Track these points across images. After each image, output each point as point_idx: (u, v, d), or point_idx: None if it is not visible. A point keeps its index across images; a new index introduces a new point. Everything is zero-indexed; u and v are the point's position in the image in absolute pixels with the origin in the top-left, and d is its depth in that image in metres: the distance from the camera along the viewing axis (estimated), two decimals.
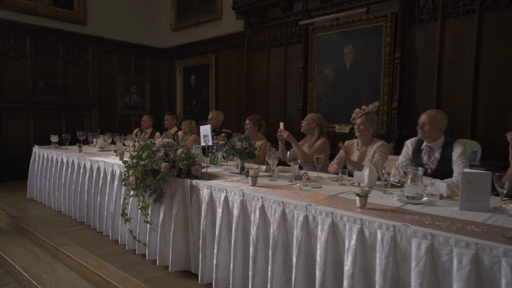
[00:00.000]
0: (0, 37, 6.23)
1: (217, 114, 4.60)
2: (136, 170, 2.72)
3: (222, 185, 2.35)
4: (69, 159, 4.04)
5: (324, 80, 5.44)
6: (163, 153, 2.71)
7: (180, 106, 8.24)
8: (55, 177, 4.27)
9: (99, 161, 3.55)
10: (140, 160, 2.80)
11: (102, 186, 3.44)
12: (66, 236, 3.45)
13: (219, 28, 7.29)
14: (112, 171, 3.33)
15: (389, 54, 4.63)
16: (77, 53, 7.22)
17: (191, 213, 2.55)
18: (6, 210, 4.34)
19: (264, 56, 6.30)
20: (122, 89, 7.99)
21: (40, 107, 6.77)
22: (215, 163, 3.38)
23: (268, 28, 6.18)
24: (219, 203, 2.33)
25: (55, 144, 4.76)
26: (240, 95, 6.96)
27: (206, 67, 7.52)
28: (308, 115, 3.63)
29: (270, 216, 2.04)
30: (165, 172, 2.60)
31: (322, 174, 2.82)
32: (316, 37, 5.47)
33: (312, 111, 5.59)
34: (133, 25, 8.01)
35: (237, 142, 2.76)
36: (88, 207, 3.66)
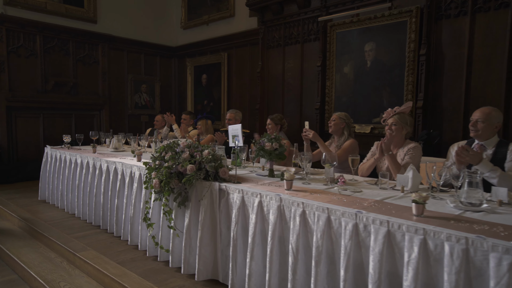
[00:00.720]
0: (10, 35, 6.11)
1: (236, 113, 4.44)
2: (159, 173, 2.57)
3: (255, 189, 2.19)
4: (83, 160, 3.89)
5: (343, 79, 5.27)
6: (188, 154, 2.55)
7: (191, 105, 8.09)
8: (68, 179, 4.13)
9: (116, 162, 3.39)
10: (163, 161, 2.64)
11: (119, 188, 3.29)
12: (82, 240, 3.30)
13: (232, 25, 7.13)
14: (130, 173, 3.17)
15: (414, 51, 4.45)
16: (87, 51, 7.09)
17: (219, 218, 2.39)
18: (18, 212, 4.20)
19: (279, 54, 6.14)
20: (132, 88, 7.85)
21: (49, 106, 6.65)
22: (238, 164, 3.21)
23: (283, 25, 6.01)
24: (252, 209, 2.17)
25: (67, 144, 4.62)
26: (253, 94, 6.80)
27: (218, 66, 7.36)
28: (335, 115, 3.46)
29: (312, 224, 1.87)
30: (191, 174, 2.44)
31: (357, 177, 2.65)
32: (334, 34, 5.29)
33: (330, 110, 5.42)
34: (143, 23, 7.87)
35: (266, 143, 2.60)
36: (104, 210, 3.51)
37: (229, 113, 4.45)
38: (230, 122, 4.39)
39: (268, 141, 2.60)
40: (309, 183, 2.43)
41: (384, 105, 4.81)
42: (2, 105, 6.06)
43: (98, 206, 3.60)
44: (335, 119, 3.40)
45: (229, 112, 4.46)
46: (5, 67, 6.04)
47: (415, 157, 2.62)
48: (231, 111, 4.47)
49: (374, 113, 4.92)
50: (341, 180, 2.39)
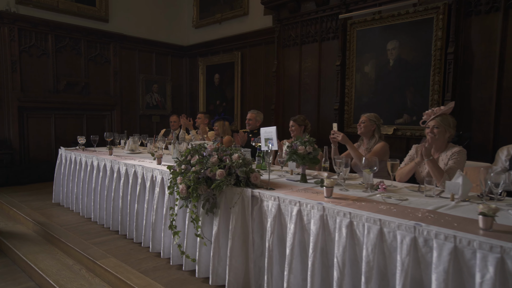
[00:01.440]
0: (22, 34, 6.01)
1: (257, 114, 4.29)
2: (186, 177, 2.43)
3: (293, 197, 2.04)
4: (100, 163, 3.76)
5: (363, 78, 5.10)
6: (216, 158, 2.41)
7: (203, 105, 7.95)
8: (84, 182, 4.00)
9: (136, 165, 3.26)
10: (189, 165, 2.50)
11: (140, 193, 3.16)
12: (100, 247, 3.17)
13: (246, 24, 6.98)
14: (152, 176, 3.04)
15: (441, 49, 4.27)
16: (99, 50, 6.98)
17: (252, 227, 2.24)
18: (33, 216, 4.09)
19: (295, 53, 5.98)
20: (143, 88, 7.74)
21: (61, 106, 6.55)
22: (263, 168, 3.06)
23: (300, 23, 5.85)
24: (290, 218, 2.02)
25: (82, 146, 4.50)
26: (268, 94, 6.65)
27: (231, 65, 7.22)
28: (364, 116, 3.30)
29: (361, 236, 1.72)
30: (222, 180, 2.29)
31: (396, 183, 2.49)
32: (355, 32, 5.13)
33: (350, 111, 5.26)
34: (155, 21, 7.75)
35: (299, 146, 2.44)
36: (123, 215, 3.38)
37: (250, 113, 4.30)
38: (250, 123, 4.25)
39: (301, 144, 2.45)
40: (347, 189, 2.28)
41: (408, 105, 4.65)
42: (14, 105, 5.96)
43: (117, 211, 3.47)
44: (365, 121, 3.24)
45: (250, 112, 4.31)
46: (17, 67, 5.95)
47: (460, 162, 2.45)
48: (252, 112, 4.32)
49: (397, 114, 4.75)
50: (381, 187, 2.23)
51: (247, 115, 4.32)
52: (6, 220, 4.26)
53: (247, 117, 4.29)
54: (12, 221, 4.23)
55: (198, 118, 5.18)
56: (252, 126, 4.27)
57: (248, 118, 4.27)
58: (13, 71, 5.92)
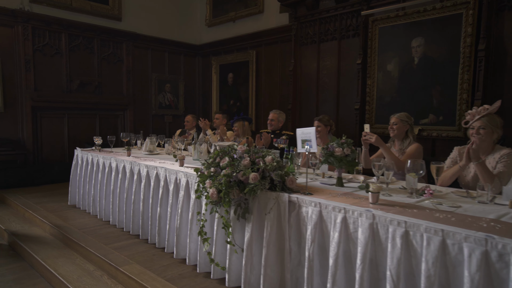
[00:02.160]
0: (36, 33, 5.93)
1: (279, 114, 4.15)
2: (216, 181, 2.29)
3: (337, 203, 1.89)
4: (119, 164, 3.65)
5: (386, 77, 4.93)
6: (248, 160, 2.27)
7: (216, 105, 7.83)
8: (101, 183, 3.89)
9: (157, 167, 3.14)
10: (218, 168, 2.37)
11: (162, 196, 3.03)
12: (121, 252, 3.05)
13: (261, 22, 6.84)
14: (176, 179, 2.91)
15: (470, 46, 4.09)
16: (112, 49, 6.89)
17: (288, 234, 2.10)
18: (49, 218, 3.99)
19: (313, 52, 5.83)
20: (156, 88, 7.63)
21: (74, 106, 6.47)
22: (291, 170, 2.92)
23: (318, 21, 5.70)
24: (333, 225, 1.88)
25: (98, 147, 4.39)
26: (284, 94, 6.51)
27: (246, 64, 7.09)
28: (395, 117, 3.14)
29: (419, 248, 1.57)
30: (255, 184, 2.16)
31: (440, 188, 2.34)
32: (377, 29, 4.96)
33: (372, 111, 5.09)
34: (167, 20, 7.65)
35: (336, 148, 2.30)
36: (144, 219, 3.26)
37: (272, 113, 4.16)
38: (272, 123, 4.11)
39: (338, 146, 2.30)
40: (390, 194, 2.13)
41: (434, 105, 4.47)
42: (28, 105, 5.89)
43: (137, 214, 3.35)
44: (397, 122, 3.08)
45: (273, 112, 4.17)
46: (30, 66, 5.87)
47: (510, 165, 2.29)
48: (274, 111, 4.18)
49: (422, 114, 4.58)
50: (428, 192, 2.08)
51: (269, 115, 4.18)
52: (22, 223, 4.17)
53: (269, 117, 4.15)
54: (28, 223, 4.14)
55: (216, 119, 5.06)
56: (275, 127, 4.13)
57: (270, 119, 4.13)
58: (26, 71, 5.84)
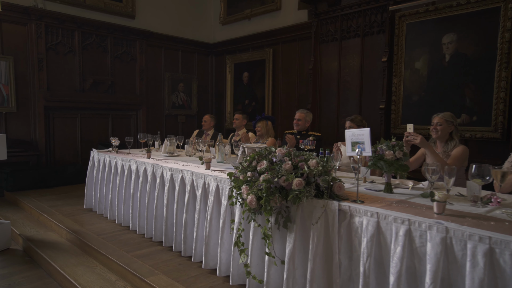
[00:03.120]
0: (49, 31, 5.79)
1: (306, 114, 3.94)
2: (254, 187, 2.10)
3: (400, 214, 1.69)
4: (139, 167, 3.47)
5: (414, 75, 4.71)
6: (290, 164, 2.07)
7: (230, 105, 7.64)
8: (120, 187, 3.72)
9: (183, 170, 2.95)
10: (255, 173, 2.18)
11: (189, 201, 2.84)
12: (144, 260, 2.87)
13: (277, 19, 6.65)
14: (204, 184, 2.72)
15: (509, 42, 3.86)
16: (125, 48, 6.73)
17: (338, 247, 1.90)
18: (66, 223, 3.82)
19: (334, 49, 5.62)
20: (169, 87, 7.47)
21: (87, 106, 6.31)
22: None
23: (340, 17, 5.49)
24: (394, 239, 1.67)
25: (115, 148, 4.22)
26: (302, 93, 6.30)
27: (262, 63, 6.89)
28: (439, 117, 2.92)
29: (507, 268, 1.36)
30: (300, 190, 1.96)
31: (502, 195, 2.12)
32: (404, 25, 4.74)
33: (398, 111, 4.87)
34: (180, 18, 7.48)
35: (386, 151, 2.09)
36: (168, 225, 3.07)
37: (299, 113, 3.95)
38: (299, 123, 3.90)
39: (389, 149, 2.10)
40: (451, 203, 1.91)
41: (467, 104, 4.25)
42: (41, 105, 5.74)
43: (160, 220, 3.17)
44: (442, 123, 2.87)
45: (299, 112, 3.96)
46: (43, 65, 5.72)
47: None
48: (301, 111, 3.97)
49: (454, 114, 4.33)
50: (495, 200, 1.87)
51: (296, 115, 3.98)
52: (37, 227, 4.00)
53: (296, 117, 3.95)
54: (43, 228, 3.98)
55: (236, 119, 4.86)
56: (301, 127, 3.92)
57: (297, 118, 3.92)
58: (39, 69, 5.70)
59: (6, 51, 5.43)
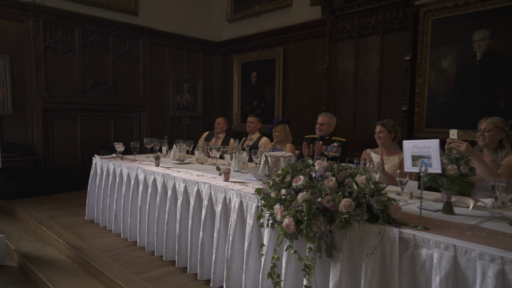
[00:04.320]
0: (48, 28, 5.44)
1: (330, 118, 3.60)
2: (291, 208, 1.76)
3: (487, 248, 1.35)
4: (148, 177, 3.13)
5: (440, 75, 4.38)
6: (334, 181, 1.74)
7: (237, 107, 7.31)
8: (126, 198, 3.38)
9: (199, 182, 2.61)
10: (291, 189, 1.84)
11: (206, 218, 2.51)
12: (156, 284, 2.53)
13: (288, 16, 6.31)
14: (225, 199, 2.38)
15: None
16: (128, 46, 6.39)
17: (398, 283, 1.56)
18: (65, 237, 3.48)
19: (351, 48, 5.29)
20: (174, 88, 7.12)
21: (88, 107, 5.97)
22: None
23: (358, 13, 5.16)
24: (480, 280, 1.34)
25: (120, 154, 3.88)
26: (315, 94, 5.97)
27: (272, 62, 6.56)
28: (487, 122, 2.60)
29: None
30: (351, 214, 1.62)
31: None
32: (429, 21, 4.41)
33: (422, 113, 4.54)
34: (185, 15, 7.14)
35: (449, 166, 1.76)
36: (182, 243, 2.73)
37: (322, 116, 3.61)
38: (322, 128, 3.56)
39: (451, 163, 1.76)
40: None
41: (501, 106, 3.92)
42: (39, 106, 5.40)
43: (172, 237, 2.83)
44: (491, 129, 2.54)
45: (322, 116, 3.62)
46: (42, 64, 5.38)
47: None
48: (325, 114, 3.63)
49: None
50: None
51: (318, 119, 3.64)
52: (34, 241, 3.66)
53: (319, 121, 3.61)
54: (41, 242, 3.63)
55: (251, 123, 4.53)
56: (325, 132, 3.58)
57: (320, 123, 3.58)
58: (37, 69, 5.35)
59: (1, 49, 5.09)
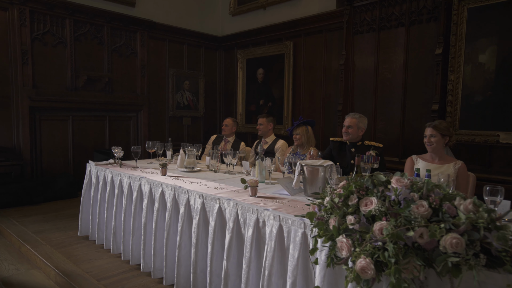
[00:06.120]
0: (35, 17, 4.88)
1: (359, 119, 3.08)
2: (366, 243, 1.28)
3: None
4: (154, 189, 2.61)
5: (477, 71, 3.94)
6: (427, 207, 1.26)
7: (242, 106, 6.80)
8: (127, 213, 2.86)
9: (221, 199, 2.11)
10: (362, 217, 1.36)
11: (231, 245, 2.00)
12: None
13: (299, 8, 5.83)
14: (257, 222, 1.89)
15: None
16: (124, 40, 5.85)
17: None
18: (55, 259, 2.95)
19: (371, 41, 4.83)
20: (173, 85, 6.60)
21: (80, 107, 5.42)
22: None
23: (379, 4, 4.69)
24: None
25: (118, 160, 3.36)
26: (329, 92, 5.50)
27: (280, 58, 6.06)
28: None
29: None
30: (464, 257, 1.14)
31: None
32: (465, 10, 3.97)
33: (455, 113, 4.10)
34: (186, 7, 6.61)
35: None
36: (198, 272, 2.23)
37: (350, 118, 3.10)
38: (350, 131, 3.02)
39: None
40: None
41: None
42: (25, 105, 4.83)
43: (185, 264, 2.32)
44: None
45: (350, 117, 3.10)
46: (28, 58, 4.82)
47: None
48: (352, 116, 3.11)
49: None
50: None
51: (345, 121, 3.12)
52: (18, 262, 3.12)
53: (345, 124, 3.09)
54: (26, 264, 3.10)
55: (260, 125, 4.03)
56: (353, 136, 3.06)
57: (347, 125, 3.06)
58: (23, 63, 4.79)
59: None
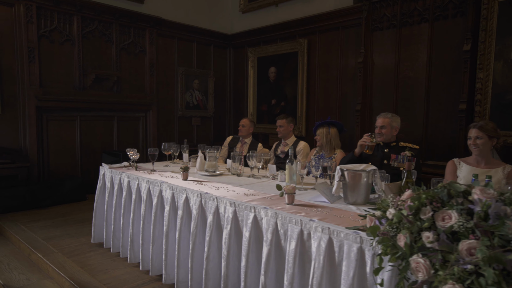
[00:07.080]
0: (42, 14, 4.70)
1: (392, 118, 2.89)
2: (452, 267, 1.09)
3: None
4: (177, 196, 2.42)
5: (508, 68, 3.75)
6: None
7: (253, 106, 6.61)
8: (146, 220, 2.67)
9: (255, 208, 1.92)
10: (442, 233, 1.17)
11: (269, 258, 1.81)
12: None
13: (313, 4, 5.64)
14: (301, 234, 1.69)
15: None
16: (132, 38, 5.66)
17: None
18: (68, 268, 2.76)
19: (391, 38, 4.64)
20: (183, 84, 6.40)
21: (88, 106, 5.24)
22: None
23: None
24: None
25: (133, 163, 3.17)
26: (346, 92, 5.31)
27: (294, 56, 5.87)
28: None
29: None
30: None
31: None
32: (496, 4, 3.78)
33: (485, 113, 3.91)
34: (195, 4, 6.43)
35: None
36: (228, 286, 2.04)
37: (382, 118, 2.90)
38: (383, 132, 2.82)
39: None
40: None
41: None
42: (31, 105, 4.65)
43: (214, 277, 2.13)
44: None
45: (382, 117, 2.90)
46: (35, 55, 4.63)
47: None
48: (385, 115, 2.91)
49: None
50: None
51: (377, 121, 2.92)
52: (28, 271, 2.94)
53: (378, 124, 2.90)
54: (37, 273, 2.91)
55: (280, 126, 3.84)
56: (386, 137, 2.87)
57: (380, 126, 2.87)
58: (30, 62, 4.61)
59: None
